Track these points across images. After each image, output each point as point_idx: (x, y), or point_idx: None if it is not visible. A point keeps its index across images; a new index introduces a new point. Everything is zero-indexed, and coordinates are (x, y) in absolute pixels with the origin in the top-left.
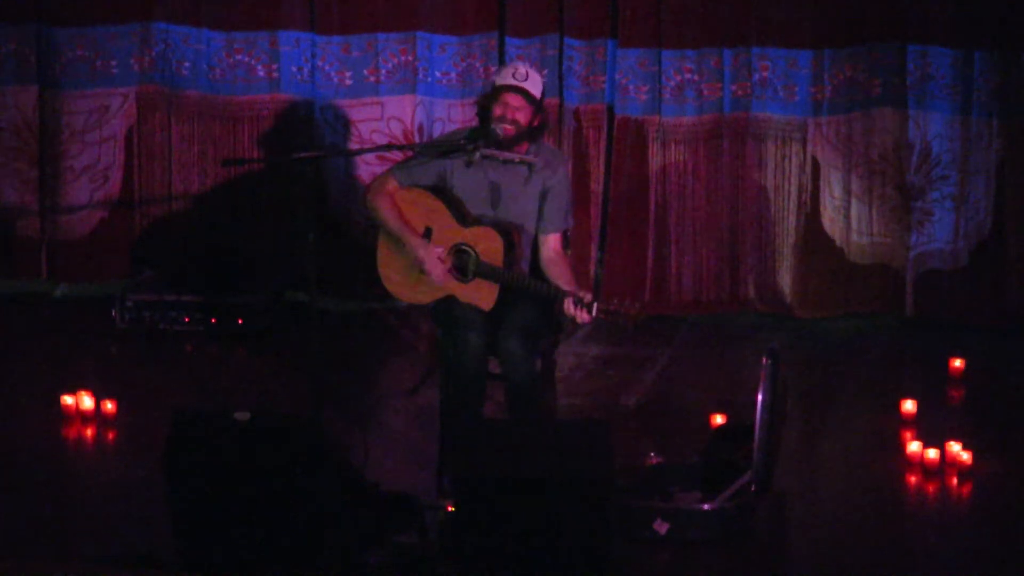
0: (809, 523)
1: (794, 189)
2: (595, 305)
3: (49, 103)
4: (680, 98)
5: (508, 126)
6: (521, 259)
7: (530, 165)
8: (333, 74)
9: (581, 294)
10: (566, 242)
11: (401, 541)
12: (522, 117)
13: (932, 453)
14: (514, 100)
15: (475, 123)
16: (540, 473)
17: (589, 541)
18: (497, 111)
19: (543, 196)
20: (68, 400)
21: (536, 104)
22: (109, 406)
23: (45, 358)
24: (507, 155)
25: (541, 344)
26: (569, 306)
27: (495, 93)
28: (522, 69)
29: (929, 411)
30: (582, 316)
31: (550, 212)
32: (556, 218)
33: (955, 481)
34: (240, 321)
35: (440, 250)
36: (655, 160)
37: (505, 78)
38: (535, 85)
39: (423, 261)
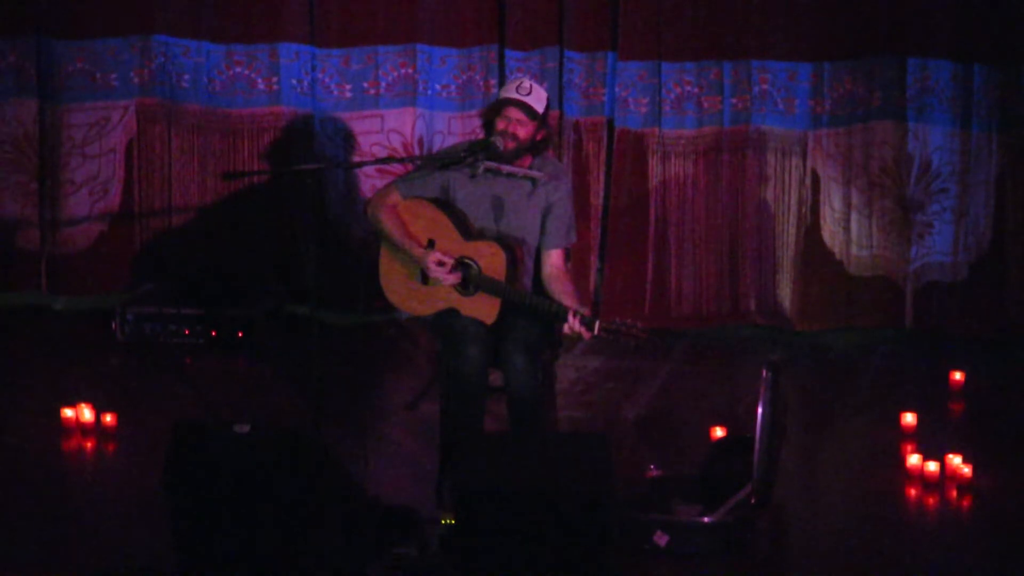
0: (809, 536)
1: (794, 202)
2: (597, 323)
3: (49, 116)
4: (680, 111)
5: (508, 140)
6: (524, 273)
7: (533, 180)
8: (333, 87)
9: (583, 311)
10: (567, 257)
11: (401, 553)
12: (523, 131)
13: (932, 466)
14: (515, 114)
15: (477, 135)
16: (540, 486)
17: (589, 554)
18: (499, 124)
19: (546, 211)
20: (68, 413)
21: (538, 119)
22: (109, 419)
23: (45, 371)
24: (510, 168)
25: (543, 357)
26: (570, 322)
27: (498, 106)
28: (527, 84)
29: (929, 424)
30: (583, 333)
31: (553, 228)
32: (559, 234)
33: (955, 494)
34: (240, 334)
35: (439, 254)
36: (655, 173)
37: (509, 91)
38: (538, 101)
39: (426, 268)
